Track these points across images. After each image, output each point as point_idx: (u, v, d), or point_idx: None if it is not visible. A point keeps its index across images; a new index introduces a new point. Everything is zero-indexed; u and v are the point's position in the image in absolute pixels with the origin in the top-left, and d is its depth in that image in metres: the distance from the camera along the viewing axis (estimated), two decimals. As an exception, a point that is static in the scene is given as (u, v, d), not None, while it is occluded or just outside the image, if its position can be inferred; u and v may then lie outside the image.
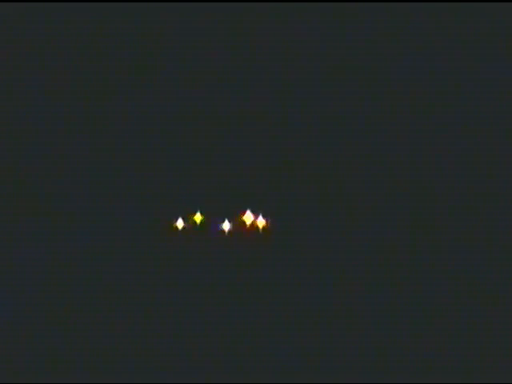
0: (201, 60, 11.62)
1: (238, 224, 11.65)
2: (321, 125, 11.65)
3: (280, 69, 11.63)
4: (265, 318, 11.20)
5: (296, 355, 10.66)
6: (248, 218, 11.64)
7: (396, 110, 11.55)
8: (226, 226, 11.66)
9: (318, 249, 11.55)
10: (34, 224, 11.60)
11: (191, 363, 10.41)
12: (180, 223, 11.67)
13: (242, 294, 11.43)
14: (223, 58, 11.62)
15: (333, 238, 11.53)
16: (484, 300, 10.97)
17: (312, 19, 11.52)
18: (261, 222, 11.64)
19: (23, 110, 11.56)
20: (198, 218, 11.68)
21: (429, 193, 11.41)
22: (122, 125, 11.59)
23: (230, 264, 11.62)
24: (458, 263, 11.24)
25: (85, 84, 11.51)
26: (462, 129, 11.38)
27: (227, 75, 11.65)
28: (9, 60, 11.39)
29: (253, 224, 11.64)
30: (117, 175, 11.63)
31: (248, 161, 11.71)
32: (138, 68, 11.52)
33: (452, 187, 11.42)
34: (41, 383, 9.83)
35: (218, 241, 11.68)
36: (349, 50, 11.54)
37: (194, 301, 11.38)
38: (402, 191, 11.53)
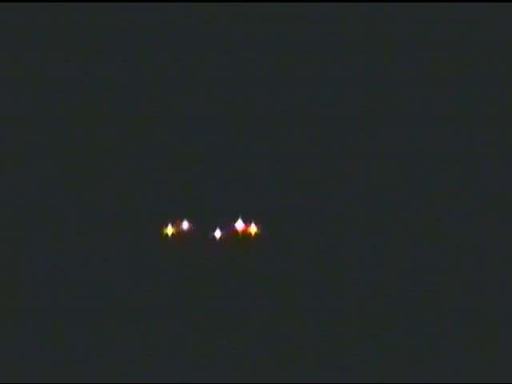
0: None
1: (229, 231, 11.28)
2: (314, 129, 11.46)
3: (268, 74, 11.58)
4: (258, 325, 10.86)
5: (290, 363, 10.56)
6: (239, 225, 11.26)
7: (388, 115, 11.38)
8: (217, 233, 11.26)
9: (313, 256, 11.18)
10: (18, 231, 11.32)
11: (181, 366, 10.45)
12: (170, 230, 11.32)
13: (235, 301, 11.07)
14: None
15: (327, 244, 11.16)
16: (484, 300, 10.74)
17: (312, 19, 11.49)
18: (253, 229, 11.24)
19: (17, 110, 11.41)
20: (185, 226, 11.33)
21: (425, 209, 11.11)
22: (113, 130, 11.50)
23: (221, 272, 11.24)
24: (457, 263, 10.94)
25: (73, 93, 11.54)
26: (462, 129, 11.15)
27: (213, 83, 11.61)
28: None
29: (245, 231, 11.25)
30: (106, 181, 11.44)
31: (239, 167, 11.49)
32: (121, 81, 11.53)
33: (451, 187, 11.08)
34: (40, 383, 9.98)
35: (207, 249, 11.31)
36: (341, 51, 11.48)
37: (184, 308, 11.04)
38: (400, 196, 11.21)
